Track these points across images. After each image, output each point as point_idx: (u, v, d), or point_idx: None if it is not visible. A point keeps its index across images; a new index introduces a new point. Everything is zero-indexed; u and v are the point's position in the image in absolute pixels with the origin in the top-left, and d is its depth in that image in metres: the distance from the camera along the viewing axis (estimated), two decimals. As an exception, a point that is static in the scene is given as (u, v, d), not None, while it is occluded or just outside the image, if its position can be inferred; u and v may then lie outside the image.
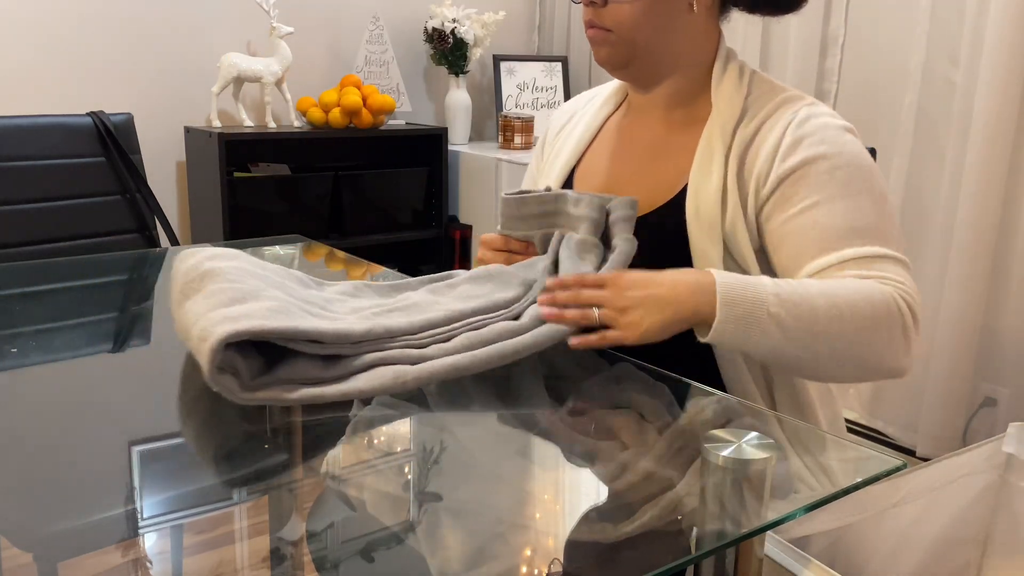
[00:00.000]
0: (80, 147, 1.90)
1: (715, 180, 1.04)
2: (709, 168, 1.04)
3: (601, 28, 1.06)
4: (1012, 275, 1.94)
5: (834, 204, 0.98)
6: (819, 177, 0.99)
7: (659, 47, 1.07)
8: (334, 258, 1.53)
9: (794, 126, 1.02)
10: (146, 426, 0.79)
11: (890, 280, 0.94)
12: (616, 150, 1.17)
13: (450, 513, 0.65)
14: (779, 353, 0.90)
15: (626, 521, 0.64)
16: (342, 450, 0.76)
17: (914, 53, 2.05)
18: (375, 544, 0.62)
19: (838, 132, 1.02)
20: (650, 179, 1.11)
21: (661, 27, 1.05)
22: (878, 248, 0.96)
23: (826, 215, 0.98)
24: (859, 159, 1.00)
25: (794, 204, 1.00)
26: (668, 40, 1.07)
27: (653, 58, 1.08)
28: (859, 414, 2.25)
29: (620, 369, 0.96)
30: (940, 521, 1.29)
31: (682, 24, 1.06)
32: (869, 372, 0.94)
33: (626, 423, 0.81)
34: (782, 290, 0.89)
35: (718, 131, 1.05)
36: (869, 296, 0.91)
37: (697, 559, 0.62)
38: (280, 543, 0.61)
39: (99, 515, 0.64)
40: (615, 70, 1.11)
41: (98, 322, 1.12)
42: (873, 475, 0.73)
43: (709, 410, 0.87)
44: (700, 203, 1.04)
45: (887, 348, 0.92)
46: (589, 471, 0.72)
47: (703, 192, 1.04)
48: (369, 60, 2.84)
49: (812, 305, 0.89)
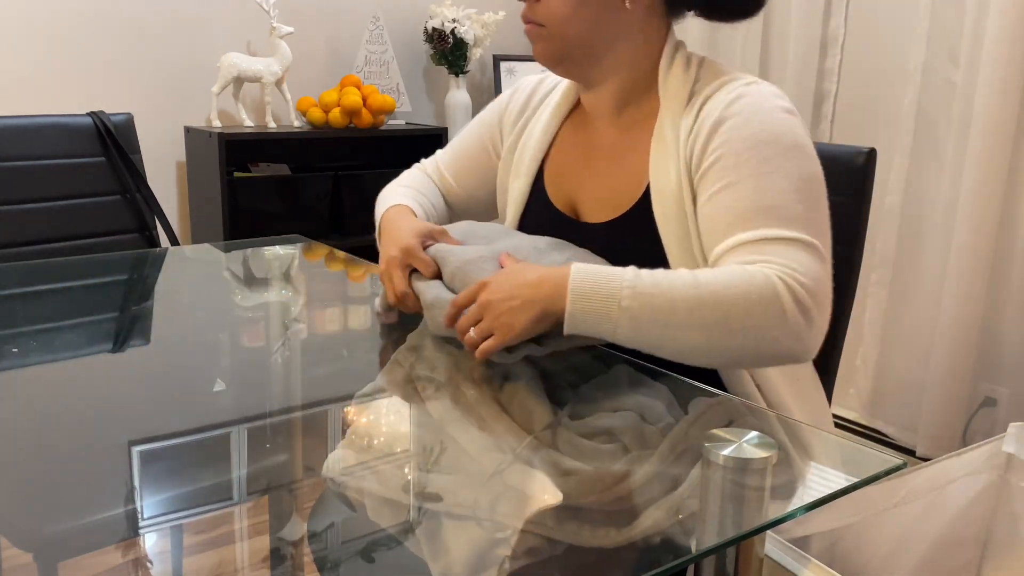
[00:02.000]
0: (80, 147, 1.90)
1: (673, 173, 1.04)
2: (666, 163, 1.05)
3: (535, 23, 1.08)
4: (1012, 275, 1.93)
5: (744, 185, 0.96)
6: (736, 157, 0.98)
7: (593, 43, 1.08)
8: (334, 258, 1.53)
9: (724, 106, 1.01)
10: (146, 426, 0.79)
11: (776, 263, 0.91)
12: (576, 158, 1.18)
13: (448, 516, 0.65)
14: (641, 344, 0.92)
15: (626, 521, 0.64)
16: (342, 450, 0.76)
17: (914, 53, 2.05)
18: (375, 544, 0.62)
19: (769, 111, 0.99)
20: (611, 185, 1.12)
21: (593, 22, 1.06)
22: (776, 230, 0.93)
23: (734, 197, 0.97)
24: (784, 138, 0.97)
25: (712, 185, 0.99)
26: (603, 36, 1.07)
27: (588, 54, 1.08)
28: (859, 414, 2.25)
29: (619, 370, 0.96)
30: (940, 521, 1.29)
31: (617, 21, 1.07)
32: (749, 359, 0.91)
33: (625, 424, 0.81)
34: (641, 283, 0.90)
35: (668, 123, 1.06)
36: (743, 282, 0.89)
37: (697, 559, 0.62)
38: (280, 543, 0.61)
39: (99, 515, 0.64)
40: (552, 66, 1.12)
41: (98, 322, 1.12)
42: (873, 475, 0.73)
43: (709, 410, 0.87)
44: (665, 201, 1.04)
45: (762, 334, 0.88)
46: (588, 471, 0.72)
47: (665, 189, 1.04)
48: (369, 60, 2.84)
49: (671, 297, 0.89)
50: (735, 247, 0.94)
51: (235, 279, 1.35)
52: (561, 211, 1.16)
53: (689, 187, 1.03)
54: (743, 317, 0.88)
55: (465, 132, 1.35)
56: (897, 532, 1.25)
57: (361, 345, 1.09)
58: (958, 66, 1.97)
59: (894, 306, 2.16)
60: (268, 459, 0.73)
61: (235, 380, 0.93)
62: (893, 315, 2.16)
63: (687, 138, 1.03)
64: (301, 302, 1.23)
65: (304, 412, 0.85)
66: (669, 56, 1.10)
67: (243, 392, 0.90)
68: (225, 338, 1.08)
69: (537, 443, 0.77)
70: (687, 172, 1.03)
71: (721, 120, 1.00)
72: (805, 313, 0.89)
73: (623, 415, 0.83)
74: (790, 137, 0.98)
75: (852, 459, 0.78)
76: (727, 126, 0.99)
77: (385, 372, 0.96)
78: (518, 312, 0.93)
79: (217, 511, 0.65)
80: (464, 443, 0.77)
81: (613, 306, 0.90)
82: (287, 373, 0.95)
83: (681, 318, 0.88)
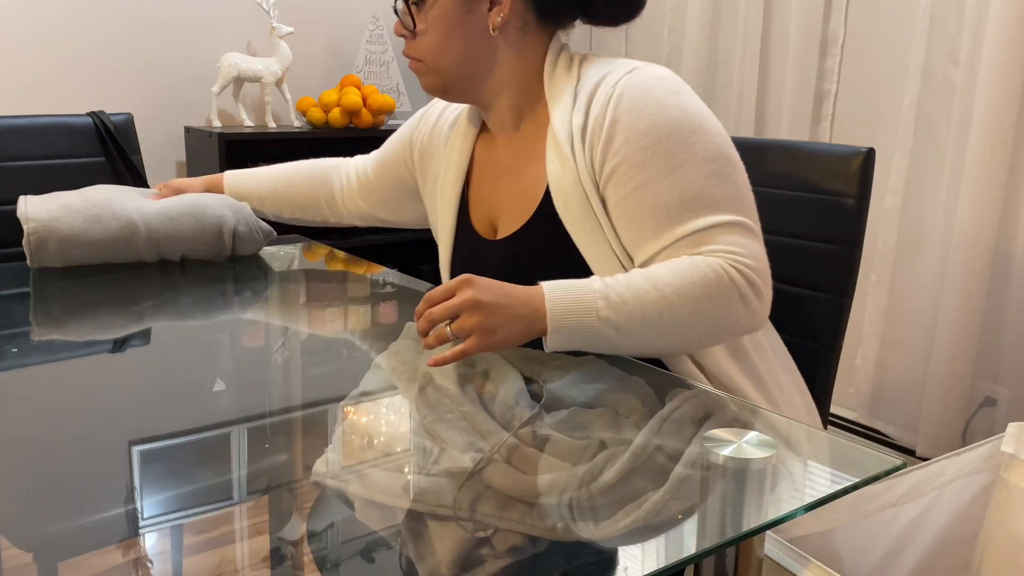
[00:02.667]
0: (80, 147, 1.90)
1: (569, 173, 1.05)
2: (561, 164, 1.06)
3: (414, 59, 1.14)
4: (1012, 275, 1.94)
5: (659, 182, 0.98)
6: (642, 155, 0.99)
7: (470, 71, 1.11)
8: (334, 258, 1.53)
9: (614, 103, 1.02)
10: (146, 426, 0.79)
11: (719, 252, 0.96)
12: (489, 179, 1.20)
13: (431, 517, 0.65)
14: (621, 350, 0.96)
15: (626, 521, 0.64)
16: (329, 453, 0.76)
17: (914, 53, 2.05)
18: (375, 544, 0.62)
19: (658, 101, 1.00)
20: (514, 194, 1.14)
21: (464, 53, 1.10)
22: (707, 219, 0.97)
23: (652, 195, 0.99)
24: (680, 125, 0.99)
25: (623, 186, 1.01)
26: (477, 63, 1.11)
27: (468, 81, 1.13)
28: (859, 414, 2.25)
29: (595, 365, 0.96)
30: (939, 521, 1.29)
31: (487, 47, 1.10)
32: (715, 341, 1.00)
33: (602, 420, 0.82)
34: (610, 291, 0.93)
35: (559, 125, 1.07)
36: (699, 276, 0.94)
37: (697, 559, 0.62)
38: (280, 543, 0.61)
39: (99, 515, 0.64)
40: (440, 95, 1.17)
41: (98, 322, 1.12)
42: (872, 475, 0.73)
43: (685, 403, 0.87)
44: (566, 198, 1.05)
45: (726, 318, 0.96)
46: (588, 472, 0.72)
47: (563, 187, 1.05)
48: (369, 60, 2.84)
49: (641, 301, 0.93)
50: (672, 244, 0.98)
51: (235, 279, 1.35)
52: (479, 234, 1.18)
53: (593, 186, 1.04)
54: (707, 310, 0.94)
55: (393, 137, 1.40)
56: (896, 532, 1.25)
57: (361, 345, 1.09)
58: (958, 66, 1.97)
59: (894, 306, 2.16)
60: (268, 459, 0.73)
61: (235, 380, 0.93)
62: (893, 315, 2.16)
63: (581, 136, 1.04)
64: (301, 302, 1.23)
65: (304, 412, 0.85)
66: (552, 63, 1.12)
67: (243, 392, 0.90)
68: (225, 338, 1.09)
69: (516, 441, 0.77)
70: (589, 171, 1.04)
71: (615, 120, 1.01)
72: (756, 292, 0.97)
73: (600, 411, 0.83)
74: (686, 122, 0.99)
75: (852, 459, 0.78)
76: (622, 125, 1.00)
77: (367, 375, 0.96)
78: (506, 323, 0.92)
79: (217, 511, 0.65)
80: (444, 443, 0.77)
81: (591, 319, 0.92)
82: (287, 373, 0.95)
83: (654, 320, 0.93)
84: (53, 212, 1.29)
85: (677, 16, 2.66)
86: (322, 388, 0.92)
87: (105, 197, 1.34)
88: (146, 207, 1.35)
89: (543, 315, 0.92)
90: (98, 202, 1.32)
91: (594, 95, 1.05)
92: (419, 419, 0.82)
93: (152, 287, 1.27)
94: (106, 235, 1.31)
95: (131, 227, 1.32)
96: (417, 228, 1.45)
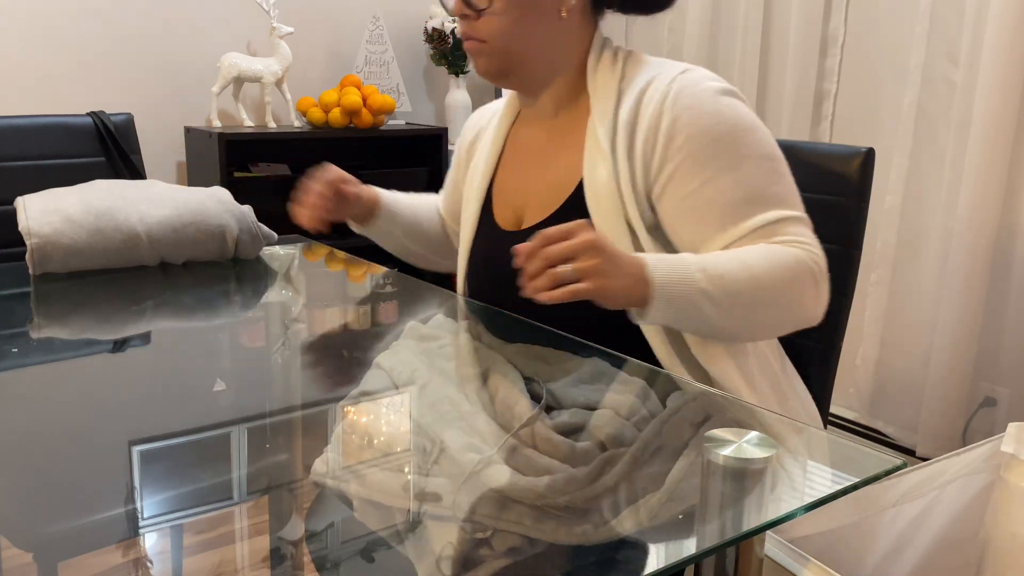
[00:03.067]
0: (80, 147, 1.90)
1: (606, 168, 1.05)
2: (598, 158, 1.06)
3: (476, 40, 1.10)
4: (1012, 275, 1.93)
5: (723, 179, 1.00)
6: (703, 152, 1.00)
7: (534, 55, 1.10)
8: (334, 258, 1.53)
9: (670, 102, 1.02)
10: (146, 426, 0.79)
11: (794, 241, 0.99)
12: (516, 162, 1.19)
13: (431, 517, 0.65)
14: (709, 326, 0.96)
15: (626, 521, 0.64)
16: (328, 454, 0.76)
17: (914, 53, 2.05)
18: (374, 544, 0.62)
19: (714, 98, 1.02)
20: (545, 183, 1.13)
21: (533, 35, 1.09)
22: (774, 212, 1.00)
23: (718, 191, 1.00)
24: (739, 123, 1.01)
25: (685, 184, 1.01)
26: (542, 47, 1.10)
27: (530, 66, 1.11)
28: (859, 414, 2.25)
29: (596, 365, 0.96)
30: (939, 521, 1.29)
31: (554, 31, 1.09)
32: (787, 328, 1.01)
33: (602, 421, 0.81)
34: (707, 265, 0.94)
35: (599, 119, 1.07)
36: (782, 261, 0.96)
37: (697, 559, 0.62)
38: (280, 543, 0.61)
39: (99, 515, 0.64)
40: (495, 80, 1.14)
41: (98, 322, 1.12)
42: (872, 475, 0.73)
43: (686, 405, 0.87)
44: (598, 194, 1.05)
45: (803, 304, 0.98)
46: (587, 472, 0.72)
47: (597, 182, 1.05)
48: (369, 60, 2.84)
49: (735, 278, 0.94)
50: (741, 238, 0.99)
51: (235, 279, 1.35)
52: (500, 227, 1.17)
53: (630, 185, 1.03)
54: (790, 293, 0.96)
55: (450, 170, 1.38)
56: (896, 532, 1.25)
57: (361, 345, 1.09)
58: (958, 66, 1.97)
59: (894, 306, 2.15)
60: (268, 459, 0.73)
61: (235, 380, 0.93)
62: (893, 315, 2.16)
63: (629, 133, 1.04)
64: (301, 302, 1.23)
65: (304, 412, 0.85)
66: (596, 55, 1.12)
67: (243, 392, 0.90)
68: (225, 338, 1.09)
69: (515, 442, 0.77)
70: (628, 165, 1.04)
71: (676, 117, 1.01)
72: (824, 282, 1.00)
73: (600, 412, 0.83)
74: (743, 121, 1.02)
75: (852, 459, 0.78)
76: (683, 122, 1.01)
77: (367, 375, 0.96)
78: (618, 274, 0.89)
79: (217, 511, 0.65)
80: (444, 443, 0.77)
81: (693, 291, 0.93)
82: (287, 373, 0.95)
83: (747, 298, 0.95)
84: (55, 226, 1.28)
85: (677, 15, 2.66)
86: (322, 388, 0.92)
87: (107, 206, 1.33)
88: (149, 216, 1.34)
89: (645, 283, 0.91)
90: (100, 213, 1.32)
91: (645, 92, 1.05)
92: (419, 419, 0.82)
93: (153, 287, 1.27)
94: (109, 247, 1.31)
95: (134, 239, 1.32)
96: None
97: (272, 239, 1.46)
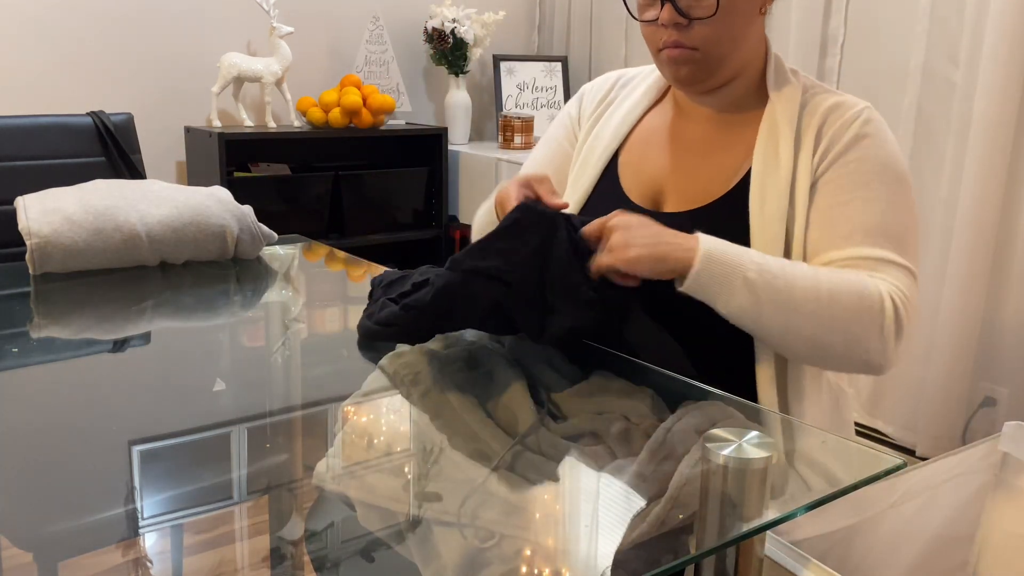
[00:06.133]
0: (80, 147, 1.90)
1: (784, 167, 1.06)
2: (776, 157, 1.06)
3: (688, 48, 1.06)
4: (1012, 274, 1.93)
5: (873, 203, 1.03)
6: (869, 175, 1.03)
7: (733, 58, 1.09)
8: (334, 258, 1.53)
9: (860, 123, 1.06)
10: (146, 426, 0.79)
11: (887, 282, 0.98)
12: (663, 146, 1.17)
13: (437, 523, 0.65)
14: (749, 318, 0.96)
15: (632, 534, 0.64)
16: (331, 457, 0.76)
17: (914, 53, 2.05)
18: (374, 545, 0.62)
19: (894, 143, 1.08)
20: (705, 173, 1.12)
21: (740, 39, 1.08)
22: (892, 254, 1.01)
23: (861, 212, 1.02)
24: (904, 172, 1.06)
25: (839, 194, 1.04)
26: (740, 49, 1.09)
27: (726, 70, 1.10)
28: (859, 414, 2.24)
29: (603, 371, 0.96)
30: (936, 519, 1.29)
31: (752, 29, 1.09)
32: (838, 360, 0.99)
33: (609, 426, 0.81)
34: (766, 262, 0.96)
35: (781, 119, 1.08)
36: (857, 289, 0.96)
37: (697, 559, 0.62)
38: (280, 543, 0.61)
39: (99, 515, 0.64)
40: (694, 86, 1.11)
41: (98, 322, 1.12)
42: (873, 475, 0.73)
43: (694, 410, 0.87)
44: (767, 192, 1.05)
45: (859, 341, 0.96)
46: (586, 472, 0.72)
47: (770, 181, 1.06)
48: (369, 60, 2.84)
49: (792, 283, 0.95)
50: (856, 259, 1.01)
51: (235, 279, 1.35)
52: (637, 204, 1.14)
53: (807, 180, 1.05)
54: (849, 320, 0.95)
55: (542, 143, 1.32)
56: (894, 531, 1.25)
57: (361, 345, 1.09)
58: (958, 66, 1.97)
59: (894, 306, 2.15)
60: (268, 459, 0.73)
61: (235, 380, 0.93)
62: (893, 315, 2.16)
63: (815, 135, 1.06)
64: (301, 302, 1.23)
65: (304, 412, 0.85)
66: (774, 60, 1.13)
67: (243, 392, 0.90)
68: (225, 338, 1.09)
69: (521, 448, 0.77)
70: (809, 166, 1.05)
71: (863, 135, 1.05)
72: (898, 332, 0.98)
73: (607, 417, 0.83)
74: (909, 177, 1.07)
75: (852, 459, 0.78)
76: (866, 144, 1.05)
77: (370, 378, 0.96)
78: (640, 241, 0.94)
79: (217, 511, 0.65)
80: (450, 449, 0.77)
81: (738, 276, 0.94)
82: (287, 373, 0.95)
83: (796, 305, 0.94)
84: (55, 226, 1.28)
85: (677, 16, 2.65)
86: (322, 388, 0.92)
87: (106, 206, 1.33)
88: (149, 216, 1.34)
89: (693, 251, 0.94)
90: (100, 212, 1.31)
91: (835, 109, 1.07)
92: (423, 424, 0.82)
93: (153, 287, 1.27)
94: (109, 247, 1.31)
95: (134, 239, 1.32)
96: None
97: (272, 239, 1.46)
